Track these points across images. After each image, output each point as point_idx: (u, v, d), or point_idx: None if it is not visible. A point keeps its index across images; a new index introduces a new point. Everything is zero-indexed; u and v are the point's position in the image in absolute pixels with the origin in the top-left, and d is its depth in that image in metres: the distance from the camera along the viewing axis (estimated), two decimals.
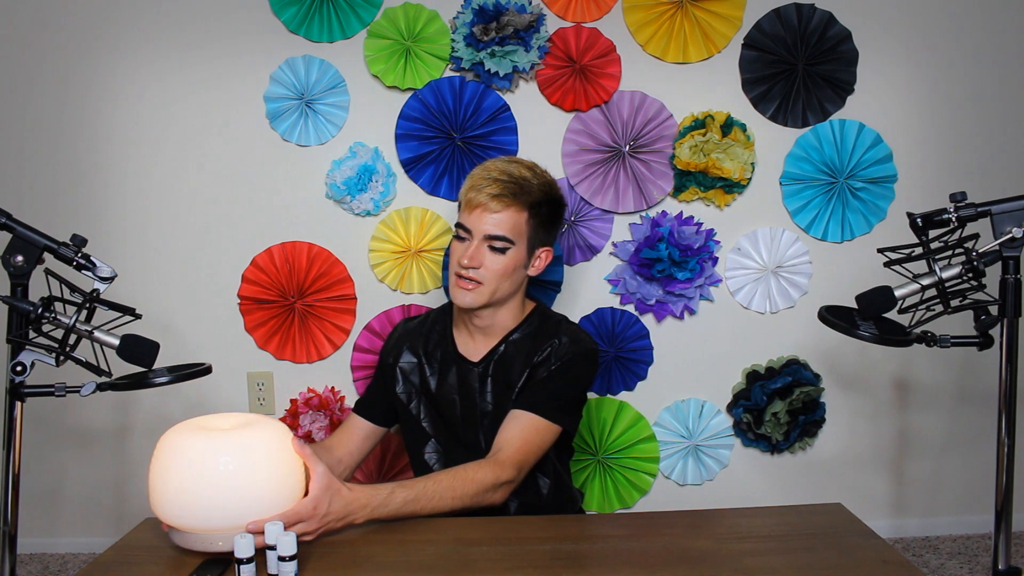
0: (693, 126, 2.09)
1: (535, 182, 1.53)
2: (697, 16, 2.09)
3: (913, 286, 1.20)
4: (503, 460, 1.42)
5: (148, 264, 2.15)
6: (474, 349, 1.61)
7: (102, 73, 2.10)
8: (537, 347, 1.57)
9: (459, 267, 1.51)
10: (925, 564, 2.13)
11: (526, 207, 1.51)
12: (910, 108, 2.17)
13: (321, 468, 1.21)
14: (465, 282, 1.51)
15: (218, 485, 1.13)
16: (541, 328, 1.60)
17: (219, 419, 1.23)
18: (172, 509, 1.15)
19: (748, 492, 2.24)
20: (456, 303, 1.55)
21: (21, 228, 1.11)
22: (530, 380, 1.55)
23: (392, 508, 1.28)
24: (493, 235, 1.50)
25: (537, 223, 1.54)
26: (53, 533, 2.25)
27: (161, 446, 1.18)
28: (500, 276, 1.51)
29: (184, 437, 1.17)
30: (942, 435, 2.29)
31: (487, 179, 1.50)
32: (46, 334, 1.13)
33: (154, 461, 1.18)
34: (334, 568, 1.15)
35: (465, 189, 1.54)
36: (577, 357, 1.54)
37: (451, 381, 1.60)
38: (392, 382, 1.64)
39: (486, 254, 1.50)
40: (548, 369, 1.54)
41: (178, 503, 1.14)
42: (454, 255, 1.53)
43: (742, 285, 2.19)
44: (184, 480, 1.13)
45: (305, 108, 2.09)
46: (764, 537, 1.22)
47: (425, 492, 1.31)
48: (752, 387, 2.18)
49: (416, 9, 2.05)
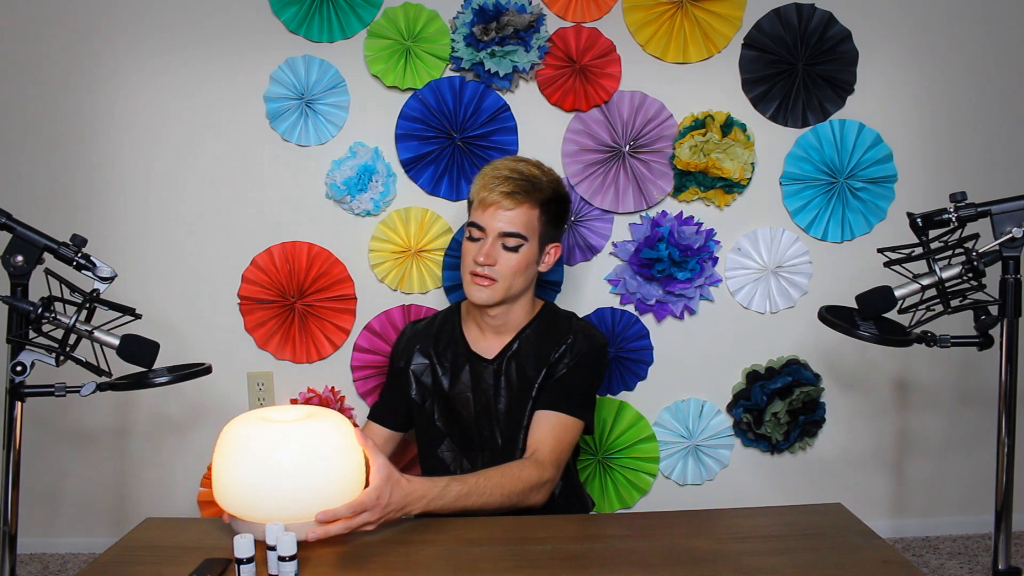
0: (693, 126, 2.09)
1: (544, 179, 1.58)
2: (697, 16, 2.09)
3: (913, 286, 1.20)
4: (542, 460, 1.46)
5: (148, 264, 2.15)
6: (487, 346, 1.63)
7: (102, 73, 2.10)
8: (551, 344, 1.60)
9: (474, 265, 1.54)
10: (925, 564, 2.13)
11: (537, 204, 1.55)
12: (910, 108, 2.17)
13: (382, 459, 1.24)
14: (480, 279, 1.54)
15: (281, 476, 1.13)
16: (553, 324, 1.64)
17: (282, 411, 1.25)
18: (235, 500, 1.16)
19: (748, 492, 2.24)
20: (472, 300, 1.57)
21: (21, 228, 1.11)
22: (548, 378, 1.58)
23: (446, 501, 1.31)
24: (507, 232, 1.53)
25: (547, 219, 1.58)
26: (53, 533, 2.25)
27: (224, 438, 1.20)
28: (514, 273, 1.55)
29: (247, 429, 1.18)
30: (942, 435, 2.29)
31: (498, 178, 1.53)
32: (46, 334, 1.13)
33: (217, 452, 1.20)
34: (334, 568, 1.15)
35: (477, 188, 1.57)
36: (592, 352, 1.60)
37: (464, 379, 1.62)
38: (406, 386, 1.66)
39: (500, 252, 1.54)
40: (566, 366, 1.57)
41: (241, 494, 1.15)
42: (468, 254, 1.57)
43: (742, 285, 2.19)
44: (247, 471, 1.14)
45: (305, 108, 2.09)
46: (764, 537, 1.22)
47: (477, 487, 1.35)
48: (752, 387, 2.18)
49: (416, 9, 2.05)
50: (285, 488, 1.14)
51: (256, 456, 1.15)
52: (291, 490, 1.14)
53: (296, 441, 1.16)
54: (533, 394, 1.58)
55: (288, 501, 1.14)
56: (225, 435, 1.21)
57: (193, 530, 1.32)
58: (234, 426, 1.21)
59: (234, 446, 1.18)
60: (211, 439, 2.16)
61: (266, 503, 1.14)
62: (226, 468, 1.18)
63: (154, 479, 2.22)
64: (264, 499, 1.14)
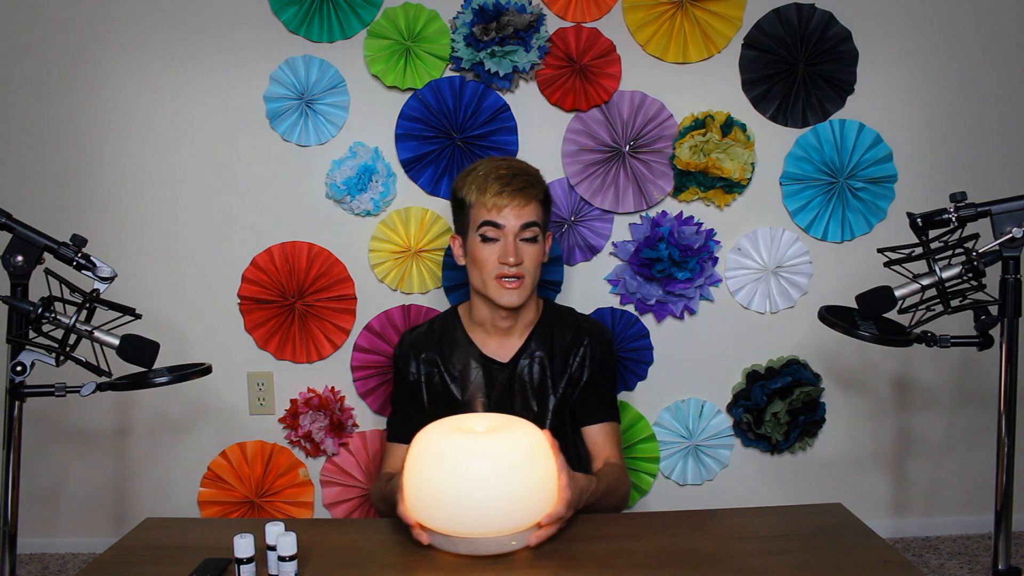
0: (693, 126, 2.09)
1: (535, 173, 1.61)
2: (697, 16, 2.09)
3: (913, 286, 1.20)
4: (623, 466, 1.59)
5: (148, 264, 2.15)
6: (498, 350, 1.63)
7: (101, 73, 2.10)
8: (564, 346, 1.62)
9: (500, 267, 1.53)
10: (925, 564, 2.13)
11: (541, 195, 1.59)
12: (910, 108, 2.17)
13: (561, 460, 1.24)
14: (510, 281, 1.54)
15: (474, 488, 1.12)
16: (558, 322, 1.66)
17: (475, 420, 1.24)
18: (431, 512, 1.14)
19: (748, 492, 2.24)
20: (502, 304, 1.55)
21: (21, 228, 1.11)
22: (570, 385, 1.61)
23: (593, 498, 1.35)
24: (527, 223, 1.54)
25: (546, 209, 1.61)
26: (53, 533, 2.25)
27: (417, 447, 1.18)
28: (537, 266, 1.58)
29: (441, 438, 1.17)
30: (942, 435, 2.29)
31: (502, 177, 1.53)
32: (46, 334, 1.13)
33: (409, 462, 1.19)
34: (334, 568, 1.15)
35: (478, 192, 1.54)
36: (609, 353, 1.66)
37: (477, 384, 1.61)
38: (420, 397, 1.64)
39: (522, 247, 1.54)
40: (589, 371, 1.62)
41: (435, 505, 1.14)
42: (489, 257, 1.53)
43: (742, 285, 2.19)
44: (440, 482, 1.13)
45: (305, 108, 2.09)
46: (764, 537, 1.22)
47: (608, 487, 1.42)
48: (752, 387, 2.18)
49: (416, 9, 2.05)
50: (476, 500, 1.11)
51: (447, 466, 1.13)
52: (482, 502, 1.12)
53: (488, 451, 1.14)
54: (552, 401, 1.60)
55: (480, 513, 1.12)
56: (417, 445, 1.18)
57: (193, 530, 1.32)
58: (427, 435, 1.19)
59: (426, 456, 1.16)
60: (211, 439, 2.19)
61: (460, 515, 1.12)
62: (416, 479, 1.16)
63: (154, 479, 2.22)
64: (458, 511, 1.12)
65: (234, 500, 2.19)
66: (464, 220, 1.59)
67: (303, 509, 2.20)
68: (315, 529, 1.28)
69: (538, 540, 1.17)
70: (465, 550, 1.15)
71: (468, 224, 1.57)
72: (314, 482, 2.21)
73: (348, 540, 1.23)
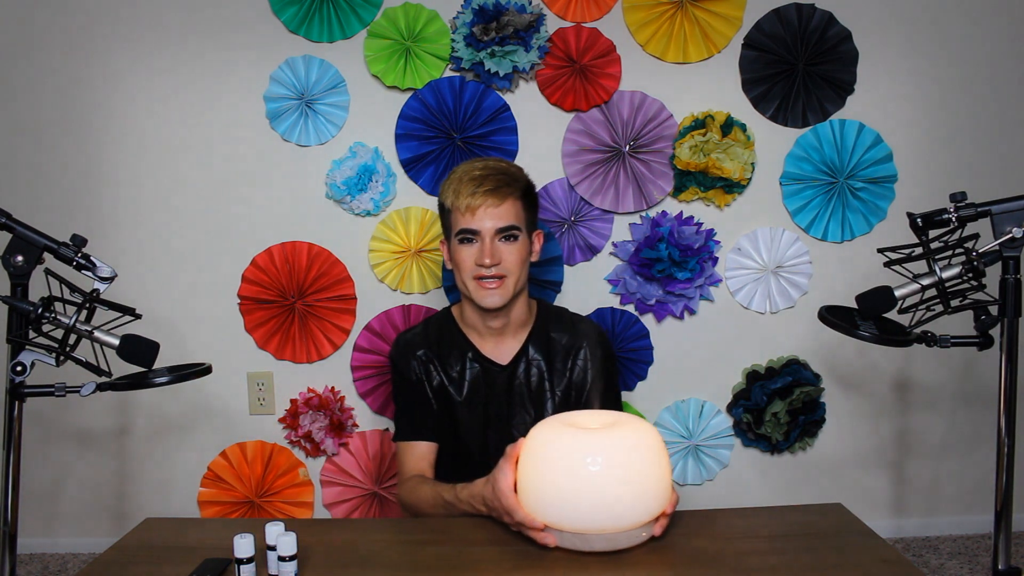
0: (693, 126, 2.09)
1: (514, 171, 1.58)
2: (697, 16, 2.09)
3: (913, 286, 1.20)
4: None
5: (148, 264, 2.15)
6: (495, 351, 1.62)
7: (101, 72, 2.10)
8: (562, 350, 1.62)
9: (477, 268, 1.52)
10: (925, 564, 2.13)
11: (520, 194, 1.55)
12: (910, 108, 2.17)
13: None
14: (488, 282, 1.53)
15: (586, 484, 1.11)
16: (553, 323, 1.65)
17: (588, 416, 1.23)
18: (544, 507, 1.15)
19: (748, 492, 2.24)
20: (483, 305, 1.54)
21: (21, 228, 1.11)
22: (573, 391, 1.61)
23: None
24: (502, 227, 1.52)
25: (527, 207, 1.58)
26: (53, 533, 2.25)
27: (536, 451, 1.17)
28: (518, 265, 1.54)
29: (553, 434, 1.17)
30: (942, 435, 2.29)
31: (475, 179, 1.52)
32: (46, 334, 1.13)
33: (523, 458, 1.19)
34: (334, 568, 1.14)
35: (453, 196, 1.53)
36: (608, 353, 1.64)
37: (476, 386, 1.61)
38: (424, 393, 1.63)
39: (500, 247, 1.52)
40: (591, 371, 1.61)
41: (549, 501, 1.14)
42: (467, 260, 1.53)
43: (742, 285, 2.19)
44: (553, 478, 1.13)
45: (305, 108, 2.09)
46: (764, 537, 1.22)
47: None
48: (752, 387, 2.18)
49: (416, 9, 2.05)
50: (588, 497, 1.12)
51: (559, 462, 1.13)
52: (595, 499, 1.12)
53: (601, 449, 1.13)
54: (550, 406, 1.60)
55: (592, 510, 1.12)
56: (530, 441, 1.18)
57: (193, 530, 1.32)
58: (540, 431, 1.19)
59: (538, 452, 1.16)
60: (211, 439, 2.19)
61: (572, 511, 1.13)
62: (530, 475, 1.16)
63: (154, 479, 2.22)
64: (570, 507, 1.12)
65: (234, 500, 2.19)
66: (447, 224, 1.59)
67: (303, 509, 2.20)
68: (315, 529, 1.28)
69: (662, 529, 1.18)
70: (601, 546, 1.15)
71: (450, 228, 1.57)
72: (314, 482, 2.21)
73: (348, 540, 1.23)
